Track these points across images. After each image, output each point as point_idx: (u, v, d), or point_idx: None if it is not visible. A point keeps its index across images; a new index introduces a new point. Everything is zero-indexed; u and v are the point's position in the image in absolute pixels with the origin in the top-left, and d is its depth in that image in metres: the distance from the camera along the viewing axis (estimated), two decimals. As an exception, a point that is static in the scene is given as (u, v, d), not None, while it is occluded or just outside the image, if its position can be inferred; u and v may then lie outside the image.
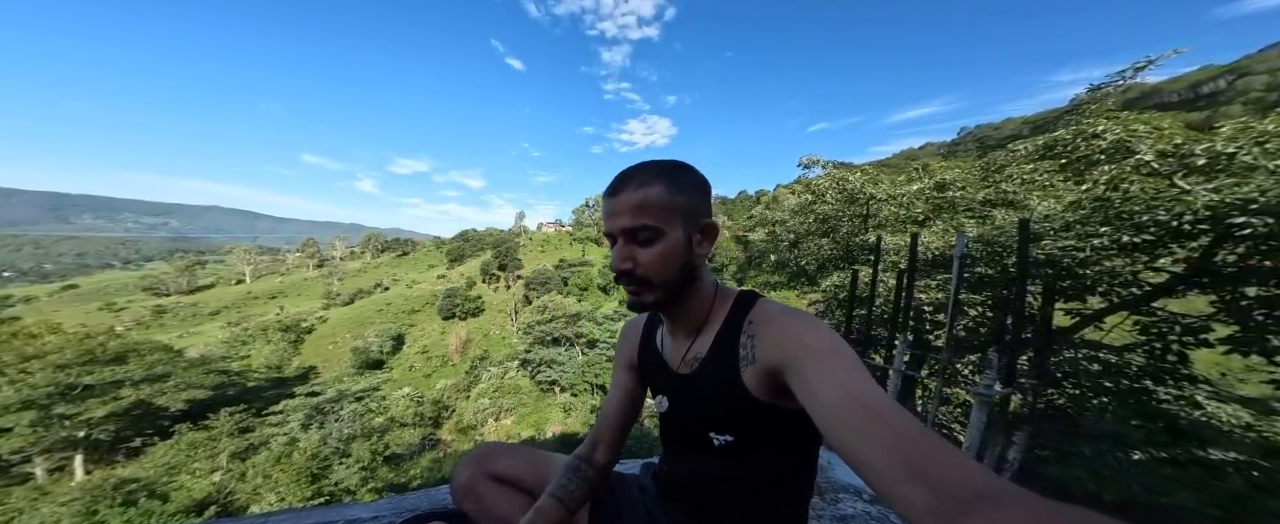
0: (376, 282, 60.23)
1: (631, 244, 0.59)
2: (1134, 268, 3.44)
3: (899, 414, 0.42)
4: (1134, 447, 2.79)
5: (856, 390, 0.45)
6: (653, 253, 0.59)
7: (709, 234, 0.62)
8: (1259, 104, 53.65)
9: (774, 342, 0.57)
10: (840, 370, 0.48)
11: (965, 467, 0.36)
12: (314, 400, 19.97)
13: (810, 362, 0.51)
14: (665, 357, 0.72)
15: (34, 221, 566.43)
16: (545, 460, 0.81)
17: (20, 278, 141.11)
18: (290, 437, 16.08)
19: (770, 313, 0.61)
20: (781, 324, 0.57)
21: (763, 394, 0.58)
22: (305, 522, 1.35)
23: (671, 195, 0.58)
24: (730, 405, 0.61)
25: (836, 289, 7.41)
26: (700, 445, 0.66)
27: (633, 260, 0.59)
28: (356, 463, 13.94)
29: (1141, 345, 3.13)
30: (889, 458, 0.39)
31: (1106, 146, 4.12)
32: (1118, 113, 4.67)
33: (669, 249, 0.59)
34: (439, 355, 33.90)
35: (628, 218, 0.58)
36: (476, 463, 0.77)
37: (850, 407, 0.44)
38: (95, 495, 11.95)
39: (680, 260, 0.60)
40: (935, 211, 7.77)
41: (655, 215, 0.58)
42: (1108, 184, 3.75)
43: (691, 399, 0.67)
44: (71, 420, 15.50)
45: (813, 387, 0.48)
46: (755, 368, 0.58)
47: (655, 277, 0.59)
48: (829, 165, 9.06)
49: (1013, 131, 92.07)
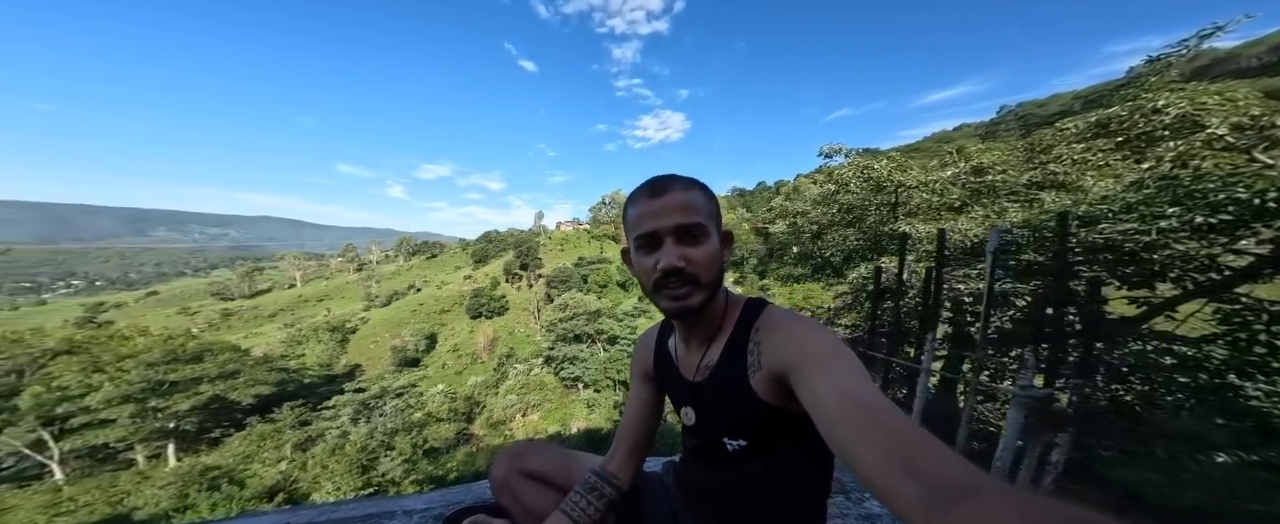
0: (409, 283, 63.27)
1: (681, 244, 0.60)
2: (1210, 251, 3.10)
3: (893, 413, 0.44)
4: (1217, 448, 2.52)
5: (854, 391, 0.47)
6: (703, 252, 0.60)
7: (729, 242, 0.66)
8: None
9: (778, 347, 0.59)
10: (839, 372, 0.50)
11: (953, 462, 0.37)
12: (361, 396, 21.39)
13: (812, 364, 0.53)
14: (679, 365, 0.75)
15: (117, 235, 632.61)
16: (574, 460, 0.85)
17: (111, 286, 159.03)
18: (342, 430, 17.27)
19: (775, 319, 0.63)
20: (785, 329, 0.60)
21: (771, 399, 0.60)
22: (368, 510, 1.49)
23: (708, 201, 0.63)
24: (741, 411, 0.63)
25: (864, 281, 7.12)
26: (715, 450, 0.68)
27: (686, 258, 0.60)
28: (400, 455, 14.85)
29: (1223, 336, 2.81)
30: (882, 454, 0.40)
31: (1170, 122, 3.73)
32: (1183, 84, 4.23)
33: (714, 249, 0.61)
34: (469, 353, 35.28)
35: (679, 215, 0.59)
36: (511, 460, 0.82)
37: (847, 406, 0.46)
38: (186, 480, 13.46)
39: (721, 263, 0.63)
40: (973, 197, 7.29)
41: (699, 215, 0.60)
42: (1174, 161, 3.39)
43: (705, 404, 0.70)
44: (162, 413, 17.43)
45: (814, 388, 0.50)
46: (762, 373, 0.60)
47: (704, 275, 0.61)
48: (852, 153, 8.68)
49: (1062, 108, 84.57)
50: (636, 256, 0.64)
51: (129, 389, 16.55)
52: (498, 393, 24.01)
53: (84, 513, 12.76)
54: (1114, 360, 3.05)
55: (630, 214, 0.63)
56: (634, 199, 0.63)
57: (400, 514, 1.42)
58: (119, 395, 16.36)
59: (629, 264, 0.68)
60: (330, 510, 1.54)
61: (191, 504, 12.47)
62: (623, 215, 0.67)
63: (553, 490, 0.78)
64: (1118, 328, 3.20)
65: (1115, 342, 2.97)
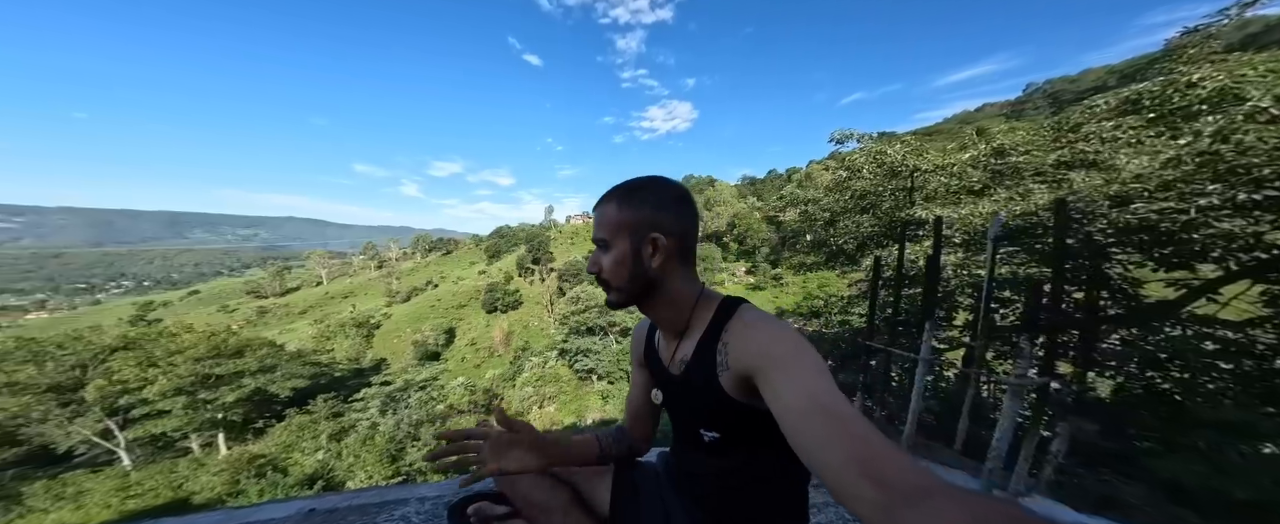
0: (427, 280, 65.01)
1: (599, 252, 0.70)
2: (1257, 229, 2.90)
3: (855, 418, 0.45)
4: (1266, 438, 2.38)
5: (817, 395, 0.49)
6: (608, 260, 0.68)
7: (658, 246, 0.67)
8: None
9: (742, 349, 0.61)
10: (801, 376, 0.52)
11: (909, 466, 0.40)
12: (387, 389, 22.33)
13: (774, 368, 0.55)
14: (661, 356, 0.80)
15: (157, 238, 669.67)
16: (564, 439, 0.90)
17: (157, 286, 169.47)
18: (372, 421, 18.12)
19: (744, 321, 0.65)
20: (750, 333, 0.62)
21: (739, 396, 0.63)
22: (386, 497, 1.60)
23: (620, 213, 0.67)
24: (712, 406, 0.67)
25: (882, 268, 6.94)
26: (694, 440, 0.73)
27: (597, 265, 0.70)
28: (425, 446, 15.50)
29: (1270, 319, 2.64)
30: (840, 457, 0.42)
31: (1207, 95, 3.47)
32: (1224, 55, 3.91)
33: (617, 258, 0.67)
34: (486, 347, 36.18)
35: (596, 230, 0.70)
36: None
37: (810, 410, 0.47)
38: (236, 467, 14.44)
39: (629, 268, 0.67)
40: (995, 179, 6.97)
41: (605, 230, 0.68)
42: (1214, 136, 3.16)
43: (682, 398, 0.75)
44: (211, 405, 18.64)
45: (777, 392, 0.52)
46: (729, 374, 0.63)
47: (611, 280, 0.69)
48: (866, 138, 8.40)
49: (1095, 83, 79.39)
50: None
51: (180, 382, 17.76)
52: (515, 385, 24.62)
53: (150, 496, 13.90)
54: (1149, 346, 2.91)
55: None
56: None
57: (413, 501, 1.53)
58: (172, 388, 17.58)
59: None
60: (351, 497, 1.65)
61: (242, 489, 13.40)
62: None
63: (547, 477, 0.82)
64: (1152, 311, 3.04)
65: (1148, 325, 2.83)
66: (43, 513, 12.90)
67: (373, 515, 1.46)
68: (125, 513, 13.03)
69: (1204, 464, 2.40)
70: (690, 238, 0.70)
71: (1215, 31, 4.74)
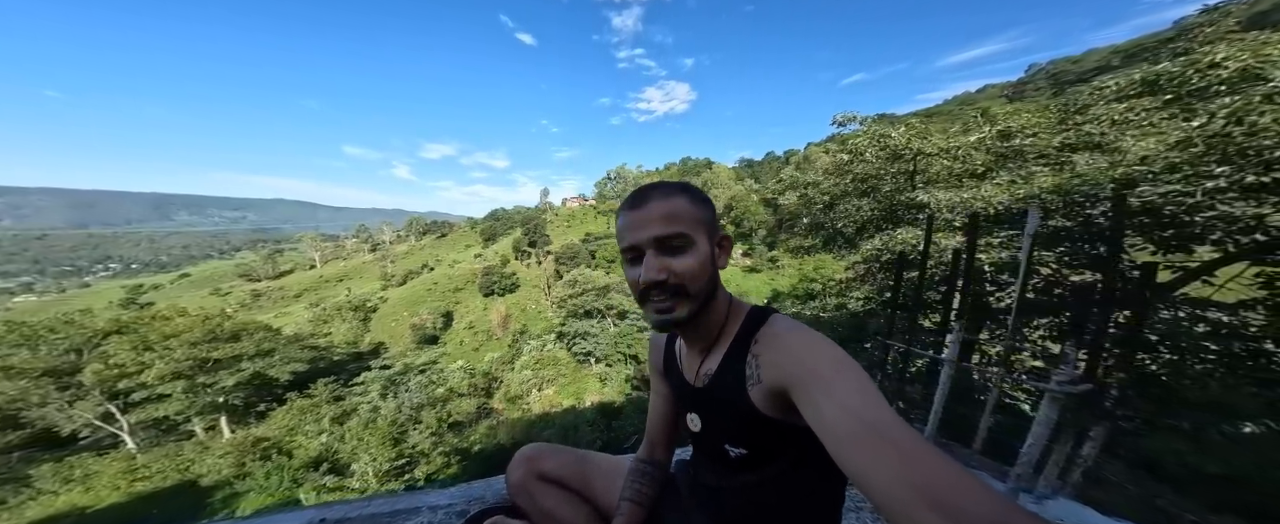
0: (423, 263, 64.61)
1: (663, 255, 0.58)
2: (1259, 211, 2.90)
3: (912, 439, 0.41)
4: (1247, 418, 2.46)
5: (863, 411, 0.45)
6: (686, 262, 0.58)
7: (726, 247, 0.64)
8: None
9: (776, 362, 0.57)
10: (844, 391, 0.48)
11: (983, 495, 0.35)
12: (387, 373, 22.53)
13: (814, 384, 0.50)
14: (682, 369, 0.74)
15: (143, 220, 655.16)
16: (586, 459, 0.89)
17: (144, 269, 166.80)
18: (373, 405, 18.32)
19: (776, 331, 0.60)
20: (784, 344, 0.57)
21: (770, 412, 0.59)
22: (397, 505, 1.58)
23: (695, 206, 0.60)
24: (740, 422, 0.63)
25: (878, 252, 6.94)
26: (718, 455, 0.69)
27: (667, 270, 0.58)
28: (427, 429, 15.82)
29: (1264, 301, 2.68)
30: (897, 482, 0.38)
31: (1228, 76, 3.39)
32: (1242, 34, 3.79)
33: (702, 258, 0.59)
34: (484, 331, 36.42)
35: (658, 226, 0.58)
36: (526, 464, 0.86)
37: (856, 428, 0.44)
38: (241, 450, 14.66)
39: (710, 272, 0.60)
40: (998, 162, 6.90)
41: (686, 223, 0.59)
42: (1228, 117, 3.11)
43: (706, 411, 0.70)
44: (211, 388, 18.71)
45: (818, 408, 0.49)
46: (761, 388, 0.59)
47: (691, 286, 0.59)
48: (867, 121, 8.23)
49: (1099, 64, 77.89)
50: (625, 269, 0.63)
51: (178, 366, 17.76)
52: (514, 369, 24.95)
53: (158, 478, 14.16)
54: (1144, 330, 2.95)
55: (617, 226, 0.63)
56: (620, 210, 0.63)
57: (425, 510, 1.52)
58: (170, 372, 17.58)
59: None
60: (361, 506, 1.63)
61: (248, 472, 13.65)
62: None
63: (567, 492, 0.81)
64: (1152, 300, 3.06)
65: (1146, 309, 2.86)
66: (52, 494, 13.14)
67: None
68: (134, 494, 13.31)
69: (1185, 442, 2.49)
70: None
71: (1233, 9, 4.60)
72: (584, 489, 0.83)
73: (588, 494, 0.84)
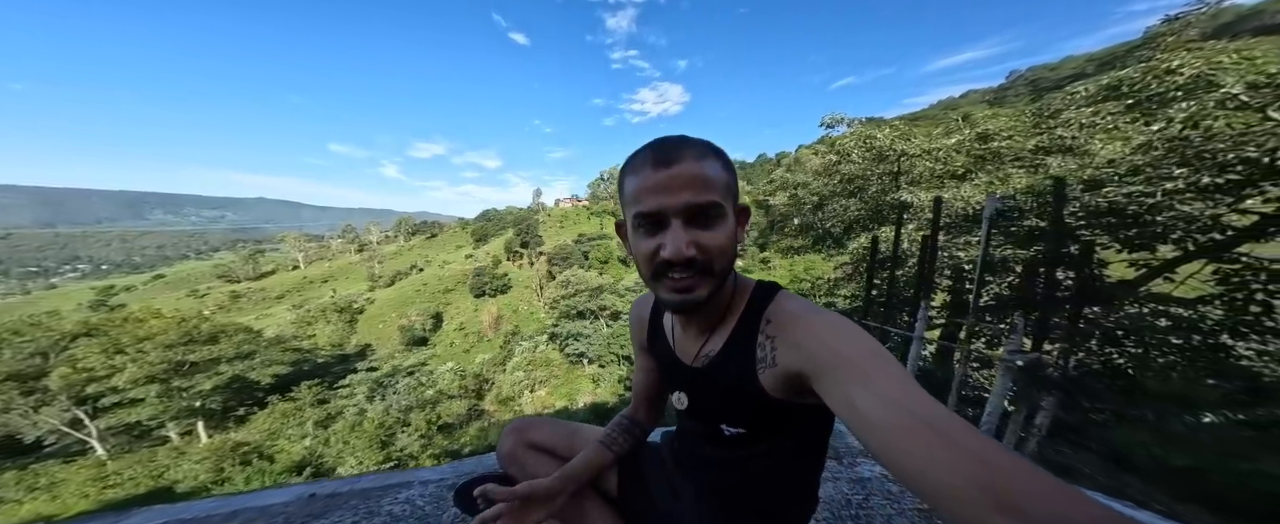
0: (412, 263, 63.57)
1: (692, 226, 0.50)
2: (1214, 211, 3.07)
3: (967, 431, 0.37)
4: (1207, 408, 2.60)
5: (910, 404, 0.40)
6: (717, 237, 0.51)
7: (744, 218, 0.56)
8: None
9: (796, 345, 0.52)
10: (883, 381, 0.43)
11: (1053, 489, 0.31)
12: (374, 375, 22.11)
13: (847, 371, 0.45)
14: (675, 347, 0.69)
15: (114, 219, 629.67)
16: (577, 432, 0.88)
17: (116, 270, 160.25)
18: (359, 408, 18.00)
19: (791, 312, 0.55)
20: (805, 327, 0.52)
21: (780, 394, 0.55)
22: (388, 481, 1.59)
23: (726, 171, 0.52)
24: (744, 404, 0.59)
25: (865, 251, 7.11)
26: (711, 434, 0.66)
27: (697, 245, 0.50)
28: (416, 431, 15.53)
29: (1220, 296, 2.83)
30: (964, 483, 0.34)
31: (1184, 82, 3.59)
32: (1200, 44, 4.03)
33: (731, 232, 0.52)
34: (475, 332, 35.97)
35: (691, 192, 0.49)
36: (517, 434, 0.85)
37: (907, 424, 0.39)
38: (219, 455, 14.17)
39: (735, 248, 0.54)
40: (977, 164, 7.14)
41: (720, 191, 0.50)
42: (1185, 121, 3.29)
43: (703, 393, 0.66)
44: (187, 392, 18.07)
45: (852, 399, 0.43)
46: (775, 372, 0.54)
47: (717, 264, 0.52)
48: (854, 123, 8.43)
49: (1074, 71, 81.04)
50: (635, 237, 0.54)
51: (152, 370, 17.15)
52: (505, 370, 24.71)
53: (130, 485, 13.58)
54: (1109, 323, 3.10)
55: (629, 186, 0.52)
56: (633, 167, 0.52)
57: (417, 484, 1.53)
58: (144, 376, 16.96)
59: (624, 240, 0.58)
60: (352, 482, 1.64)
61: (227, 478, 13.27)
62: (619, 184, 0.56)
63: (557, 461, 0.80)
64: (1115, 291, 3.22)
65: (1111, 304, 3.00)
66: (16, 503, 12.55)
67: (376, 499, 1.46)
68: (104, 502, 12.79)
69: (1149, 434, 2.61)
70: None
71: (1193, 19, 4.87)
72: (573, 457, 0.80)
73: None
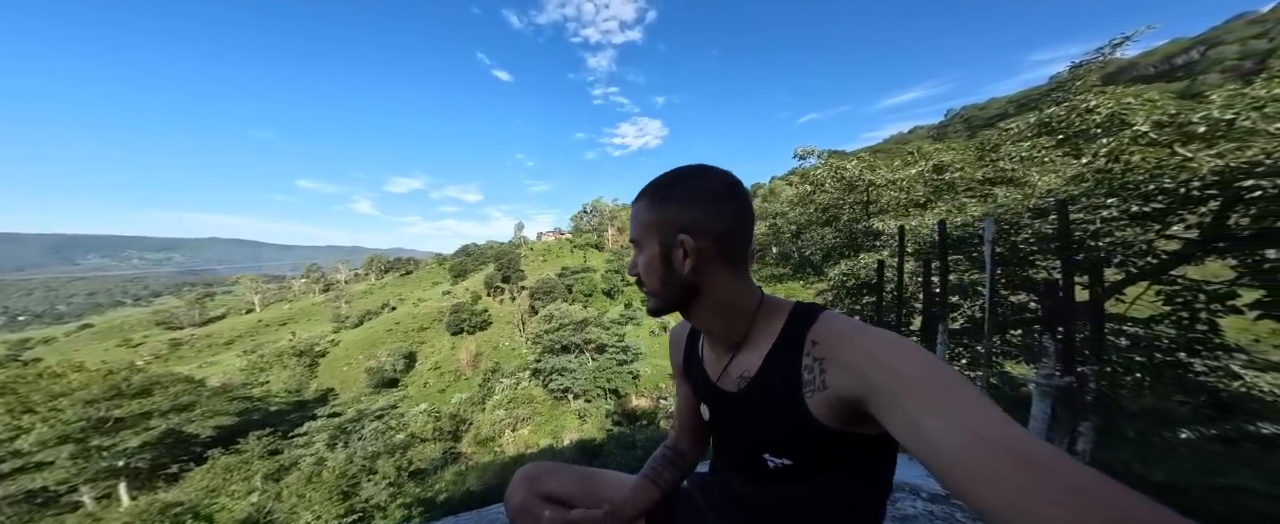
0: (383, 302, 60.46)
1: (637, 253, 0.64)
2: (1147, 237, 3.42)
3: (1067, 461, 0.33)
4: (1181, 424, 2.73)
5: (992, 429, 0.36)
6: (640, 263, 0.63)
7: (688, 249, 0.58)
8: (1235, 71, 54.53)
9: (849, 366, 0.49)
10: (957, 403, 0.39)
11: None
12: (336, 421, 20.24)
13: (908, 393, 0.42)
14: (707, 370, 0.70)
15: (40, 264, 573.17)
16: (594, 477, 0.82)
17: (36, 321, 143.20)
18: (318, 457, 16.35)
19: (840, 332, 0.52)
20: (859, 347, 0.49)
21: (833, 422, 0.52)
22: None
23: (649, 211, 0.61)
24: (789, 431, 0.56)
25: (844, 277, 7.38)
26: (753, 465, 0.62)
27: (635, 268, 0.65)
28: (384, 479, 14.09)
29: (1168, 316, 3.09)
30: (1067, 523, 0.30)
31: (1101, 120, 4.14)
32: (1103, 88, 4.70)
33: (647, 261, 0.62)
34: (452, 370, 33.96)
35: (631, 230, 0.64)
36: (527, 484, 0.78)
37: (989, 453, 0.35)
38: (144, 520, 12.47)
39: (661, 273, 0.60)
40: (935, 193, 7.75)
41: (636, 229, 0.63)
42: (1107, 156, 3.74)
43: (740, 418, 0.63)
44: (109, 451, 16.04)
45: (918, 425, 0.40)
46: (826, 396, 0.51)
47: (646, 284, 0.63)
48: (824, 155, 9.07)
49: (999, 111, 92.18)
50: None
51: (66, 429, 15.23)
52: (485, 409, 23.19)
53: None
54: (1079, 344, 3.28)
55: None
56: None
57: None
58: (55, 436, 15.02)
59: None
60: None
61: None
62: None
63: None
64: (1078, 312, 3.44)
65: (1077, 325, 3.19)
66: None
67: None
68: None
69: (1129, 451, 2.70)
70: (734, 238, 0.58)
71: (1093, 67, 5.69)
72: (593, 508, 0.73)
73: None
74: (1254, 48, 64.55)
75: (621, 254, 56.81)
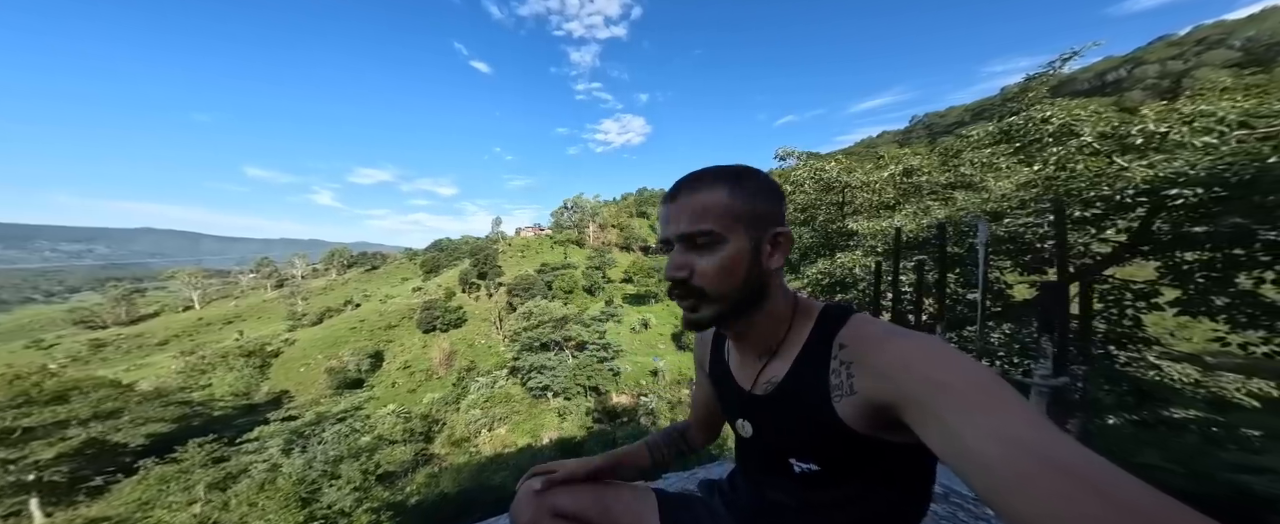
0: (346, 299, 57.05)
1: (689, 252, 0.54)
2: (1084, 240, 3.78)
3: (1120, 476, 0.31)
4: (1107, 411, 3.05)
5: (1038, 442, 0.34)
6: (710, 262, 0.52)
7: (781, 244, 0.54)
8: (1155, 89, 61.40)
9: (881, 372, 0.47)
10: (999, 412, 0.37)
11: None
12: (292, 424, 18.99)
13: (944, 401, 0.40)
14: (734, 373, 0.66)
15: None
16: (608, 495, 0.76)
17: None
18: (271, 463, 15.27)
19: (872, 335, 0.50)
20: (891, 350, 0.47)
21: (863, 428, 0.50)
22: None
23: (734, 199, 0.52)
24: (818, 436, 0.54)
25: (820, 277, 7.71)
26: (779, 471, 0.59)
27: (689, 269, 0.53)
28: (348, 483, 13.37)
29: (1100, 313, 3.44)
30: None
31: (1054, 130, 4.50)
32: (1053, 100, 5.07)
33: (731, 257, 0.52)
34: (423, 370, 32.62)
35: (686, 222, 0.53)
36: (537, 500, 0.72)
37: (1034, 466, 0.32)
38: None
39: (744, 272, 0.53)
40: (904, 196, 8.20)
41: (713, 220, 0.52)
42: (1056, 164, 4.06)
43: (767, 422, 0.61)
44: (15, 464, 14.47)
45: (958, 436, 0.38)
46: (855, 401, 0.49)
47: (713, 288, 0.53)
48: (803, 156, 9.38)
49: (957, 119, 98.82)
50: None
51: None
52: (459, 409, 22.54)
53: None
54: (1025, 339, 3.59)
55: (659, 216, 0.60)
56: (661, 201, 0.58)
57: None
58: None
59: None
60: None
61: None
62: None
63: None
64: (1020, 310, 3.78)
65: (1021, 322, 3.51)
66: None
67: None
68: None
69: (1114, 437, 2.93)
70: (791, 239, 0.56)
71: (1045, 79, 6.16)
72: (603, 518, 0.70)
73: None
74: (1171, 68, 72.17)
75: (603, 251, 56.36)
